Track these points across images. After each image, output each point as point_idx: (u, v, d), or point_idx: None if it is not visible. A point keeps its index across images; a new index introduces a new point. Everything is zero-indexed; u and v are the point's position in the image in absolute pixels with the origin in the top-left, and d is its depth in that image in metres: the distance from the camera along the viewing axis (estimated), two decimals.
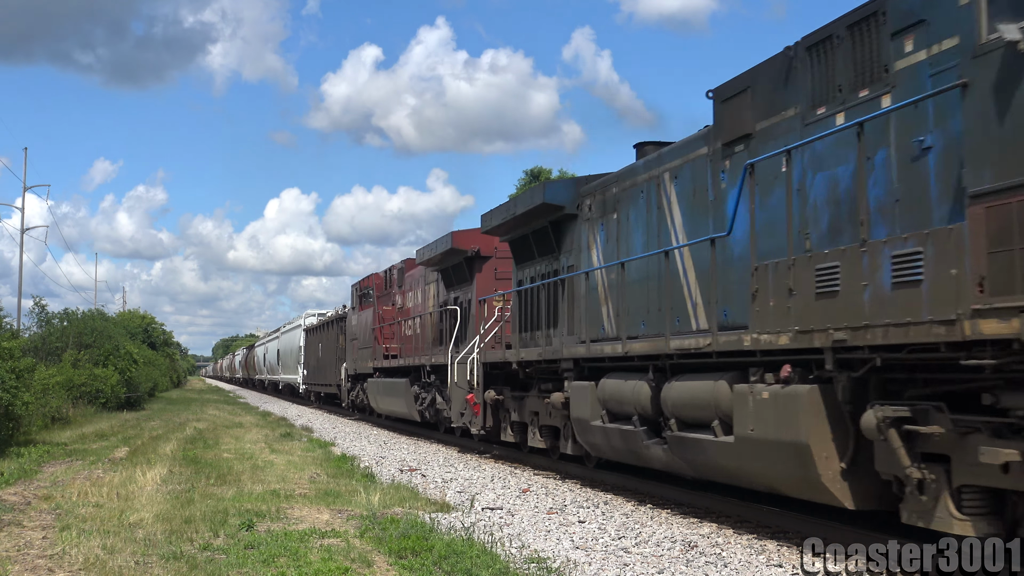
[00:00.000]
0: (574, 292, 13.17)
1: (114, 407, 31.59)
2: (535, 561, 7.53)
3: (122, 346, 35.83)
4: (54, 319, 35.30)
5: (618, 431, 11.28)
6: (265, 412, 35.04)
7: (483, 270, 18.92)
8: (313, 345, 41.24)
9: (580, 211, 13.30)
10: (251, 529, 8.60)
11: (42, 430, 20.96)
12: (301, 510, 10.02)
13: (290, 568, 7.01)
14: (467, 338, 18.44)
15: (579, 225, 13.32)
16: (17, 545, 7.98)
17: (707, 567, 7.61)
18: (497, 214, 15.94)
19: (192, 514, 9.32)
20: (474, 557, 7.29)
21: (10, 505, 10.26)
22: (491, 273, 18.81)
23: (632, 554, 8.16)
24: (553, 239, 14.14)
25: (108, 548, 7.68)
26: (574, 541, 8.78)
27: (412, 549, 7.70)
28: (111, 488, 11.35)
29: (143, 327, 62.86)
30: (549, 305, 14.19)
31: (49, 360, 30.22)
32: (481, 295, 18.09)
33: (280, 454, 16.92)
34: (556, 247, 14.15)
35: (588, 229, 13.00)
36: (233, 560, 7.32)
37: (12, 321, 27.69)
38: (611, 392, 11.45)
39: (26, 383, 18.42)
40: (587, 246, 12.99)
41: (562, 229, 13.98)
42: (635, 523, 9.77)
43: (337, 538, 8.32)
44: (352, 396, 30.95)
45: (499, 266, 18.44)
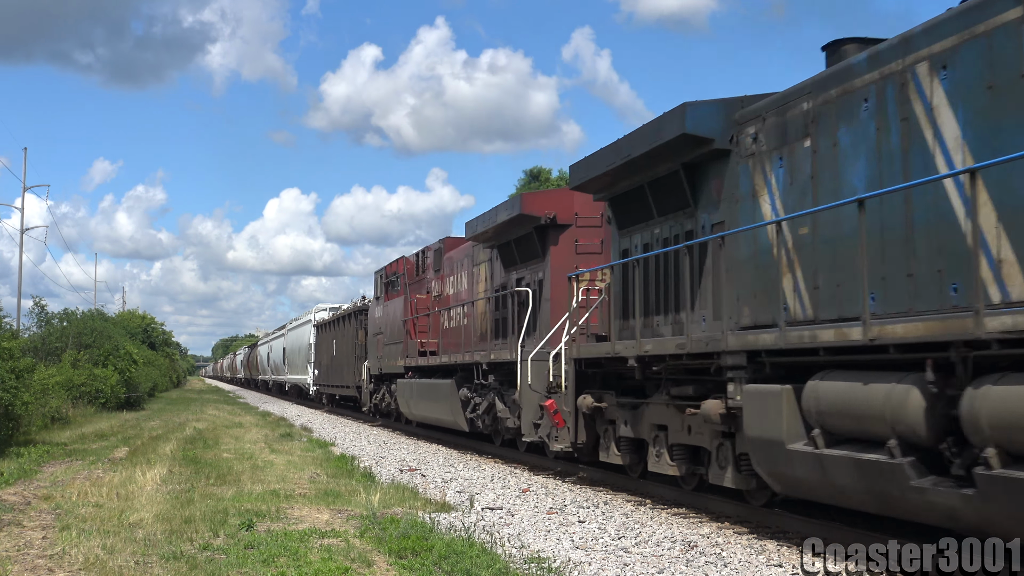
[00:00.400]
0: (728, 259, 9.70)
1: (114, 407, 31.60)
2: (535, 561, 7.53)
3: (122, 346, 35.85)
4: (54, 319, 35.38)
5: (851, 462, 7.40)
6: (265, 412, 35.03)
7: (560, 242, 15.20)
8: (325, 342, 37.47)
9: (737, 145, 9.79)
10: (251, 529, 8.60)
11: (42, 430, 20.96)
12: (301, 510, 10.02)
13: (290, 568, 7.02)
14: (537, 329, 15.05)
15: (734, 165, 9.81)
16: (17, 545, 7.98)
17: (707, 567, 7.61)
18: (596, 162, 12.18)
19: (192, 514, 9.33)
20: (474, 557, 7.29)
21: (10, 505, 10.26)
22: (570, 245, 15.13)
23: (632, 554, 8.16)
24: (687, 188, 10.59)
25: (108, 548, 7.68)
26: (574, 541, 8.78)
27: (412, 549, 7.70)
28: (111, 488, 11.35)
29: (143, 327, 62.92)
30: (678, 280, 10.60)
31: (49, 360, 30.24)
32: (559, 274, 14.68)
33: (280, 454, 16.92)
34: (691, 200, 10.59)
35: (752, 169, 9.51)
36: (233, 560, 7.32)
37: (12, 321, 27.68)
38: (836, 400, 7.61)
39: (26, 383, 18.42)
40: (750, 193, 9.51)
41: (703, 173, 10.44)
42: (635, 523, 9.77)
43: (337, 538, 8.33)
44: (375, 399, 27.24)
45: (581, 236, 15.06)
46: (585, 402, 12.32)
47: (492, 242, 17.59)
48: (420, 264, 23.56)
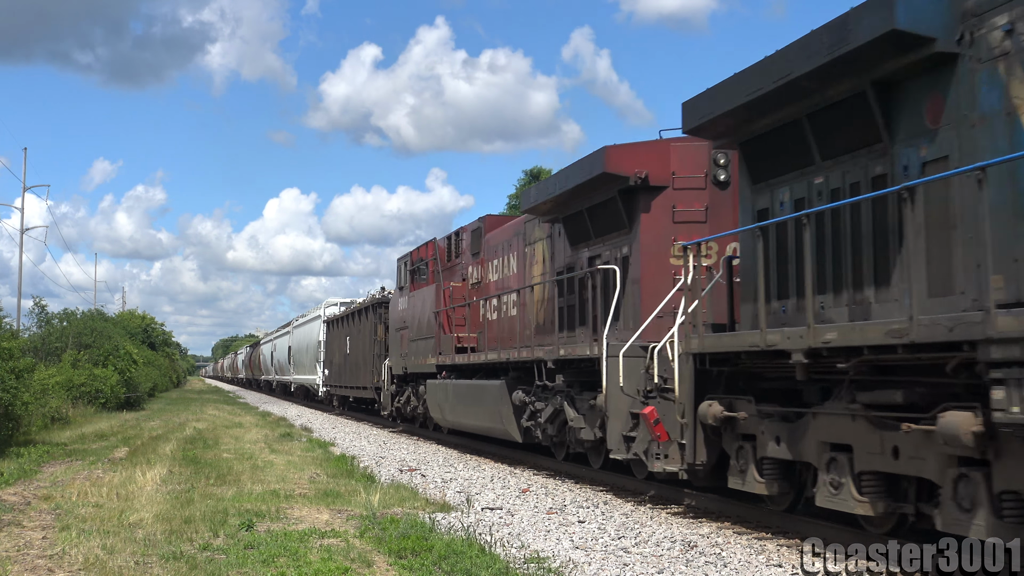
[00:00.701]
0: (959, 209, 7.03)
1: (114, 407, 31.59)
2: (535, 561, 7.53)
3: (121, 346, 35.87)
4: (54, 319, 35.43)
5: None
6: (265, 412, 35.03)
7: (652, 209, 12.05)
8: (337, 340, 34.59)
9: (972, 45, 7.02)
10: (251, 529, 8.61)
11: (42, 430, 20.96)
12: (301, 510, 10.02)
13: (290, 568, 7.02)
14: (622, 318, 12.09)
15: (967, 73, 7.05)
16: (17, 545, 7.98)
17: (707, 567, 7.61)
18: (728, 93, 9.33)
19: (192, 514, 9.33)
20: (474, 557, 7.29)
21: (10, 505, 10.26)
22: (666, 213, 12.02)
23: (632, 554, 8.16)
24: (878, 115, 7.85)
25: (108, 548, 7.68)
26: (574, 541, 8.77)
27: (412, 549, 7.71)
28: (111, 488, 11.35)
29: (142, 327, 63.01)
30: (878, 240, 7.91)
31: (49, 360, 30.29)
32: (652, 249, 11.94)
33: (280, 454, 16.92)
34: (884, 131, 7.86)
35: (1007, 75, 6.73)
36: (233, 560, 7.32)
37: (12, 321, 27.70)
38: None
39: (26, 383, 18.43)
40: (1001, 110, 6.73)
41: (907, 91, 7.69)
42: (635, 523, 9.76)
43: (337, 538, 8.33)
44: (398, 402, 24.19)
45: (679, 201, 12.00)
46: (712, 411, 9.45)
47: (554, 214, 14.50)
48: (453, 248, 20.52)
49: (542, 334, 14.74)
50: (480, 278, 18.58)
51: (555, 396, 13.55)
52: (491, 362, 16.25)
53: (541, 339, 14.62)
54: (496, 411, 15.60)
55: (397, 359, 23.66)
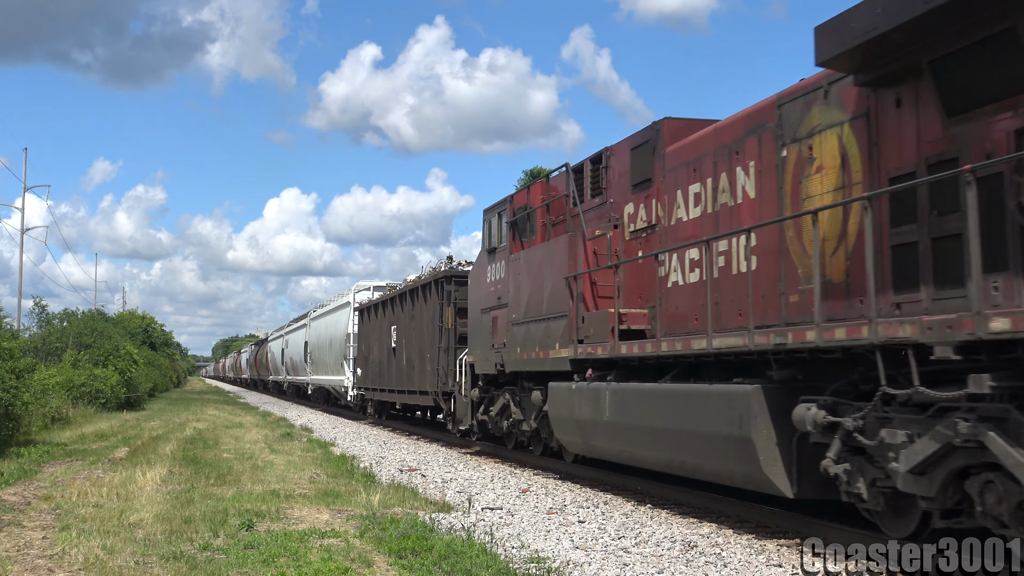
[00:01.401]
0: None
1: (114, 407, 31.60)
2: (535, 561, 7.53)
3: (122, 346, 35.89)
4: (54, 319, 35.45)
5: None
6: (265, 412, 35.03)
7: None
8: (375, 331, 27.45)
9: None
10: (251, 529, 8.61)
11: (42, 430, 20.97)
12: (301, 510, 10.02)
13: (290, 568, 7.02)
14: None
15: None
16: (17, 545, 7.98)
17: (707, 567, 7.61)
18: None
19: (192, 514, 9.33)
20: (474, 557, 7.30)
21: (10, 505, 10.26)
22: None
23: (632, 554, 8.16)
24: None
25: (108, 548, 7.68)
26: (574, 541, 8.77)
27: (412, 549, 7.71)
28: (111, 488, 11.35)
29: (143, 327, 63.04)
30: None
31: (49, 360, 30.31)
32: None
33: (280, 454, 16.93)
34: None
35: None
36: (233, 560, 7.33)
37: (12, 321, 27.71)
38: None
39: (26, 383, 18.43)
40: None
41: None
42: (635, 523, 9.76)
43: (337, 538, 8.33)
44: (480, 414, 17.43)
45: None
46: None
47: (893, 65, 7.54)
48: (592, 180, 13.56)
49: (836, 299, 8.34)
50: (651, 220, 11.93)
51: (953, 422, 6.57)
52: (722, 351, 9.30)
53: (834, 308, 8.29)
54: (733, 441, 8.98)
55: (484, 352, 16.76)
